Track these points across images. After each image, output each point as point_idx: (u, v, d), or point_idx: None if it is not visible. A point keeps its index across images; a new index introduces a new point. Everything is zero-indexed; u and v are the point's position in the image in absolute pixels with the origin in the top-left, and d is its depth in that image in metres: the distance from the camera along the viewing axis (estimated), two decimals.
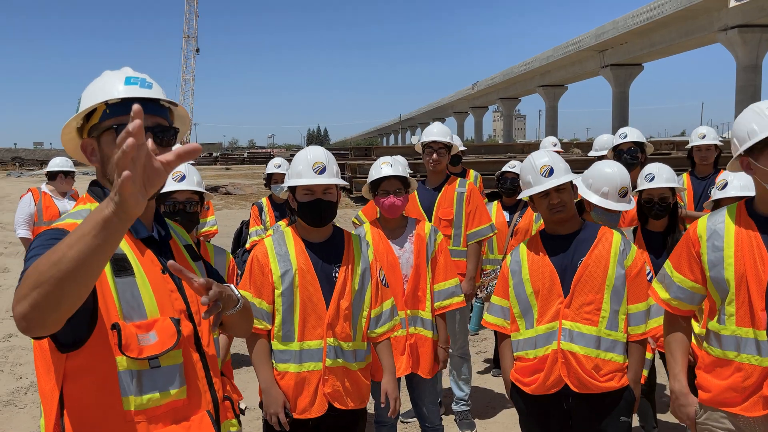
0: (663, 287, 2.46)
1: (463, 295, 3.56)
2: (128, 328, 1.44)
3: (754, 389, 2.18)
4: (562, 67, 58.08)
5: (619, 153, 4.71)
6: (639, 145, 4.72)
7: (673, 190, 3.58)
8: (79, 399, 1.41)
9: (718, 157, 5.18)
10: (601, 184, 3.18)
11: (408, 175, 3.38)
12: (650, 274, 2.79)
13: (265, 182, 5.69)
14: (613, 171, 3.22)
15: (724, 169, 2.75)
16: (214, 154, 70.44)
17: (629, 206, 3.23)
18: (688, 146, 5.28)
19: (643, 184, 3.60)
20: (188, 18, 79.90)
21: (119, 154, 1.09)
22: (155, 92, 1.58)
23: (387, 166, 3.34)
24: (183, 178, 2.98)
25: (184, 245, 1.73)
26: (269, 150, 68.27)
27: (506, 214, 5.40)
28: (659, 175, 3.56)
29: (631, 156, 4.65)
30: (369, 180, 3.39)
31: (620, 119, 50.23)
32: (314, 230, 2.73)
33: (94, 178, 1.64)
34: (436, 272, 3.45)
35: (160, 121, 1.57)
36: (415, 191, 4.43)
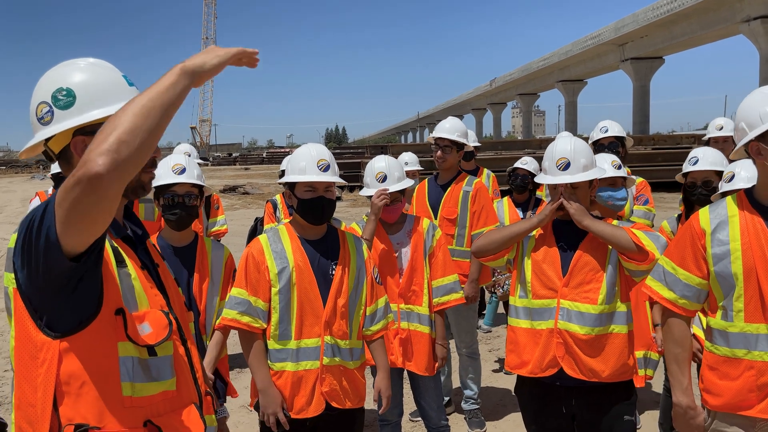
0: (664, 286, 2.30)
1: (462, 291, 3.51)
2: (129, 316, 1.47)
3: None
4: (581, 61, 57.49)
5: (600, 147, 4.61)
6: (619, 140, 4.63)
7: (720, 174, 3.39)
8: (76, 385, 1.41)
9: None
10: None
11: (404, 181, 3.37)
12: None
13: (279, 179, 5.65)
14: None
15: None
16: (234, 155, 71.03)
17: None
18: (705, 138, 5.17)
19: (686, 168, 3.48)
20: (206, 20, 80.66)
21: (239, 50, 1.42)
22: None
23: (382, 177, 3.34)
24: (183, 170, 2.94)
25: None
26: (288, 150, 68.72)
27: (519, 211, 5.32)
28: (704, 158, 3.42)
29: (612, 150, 4.55)
30: (365, 189, 3.43)
31: (641, 114, 49.56)
32: (311, 228, 2.71)
33: None
34: (434, 268, 3.42)
35: None
36: (426, 186, 4.39)
